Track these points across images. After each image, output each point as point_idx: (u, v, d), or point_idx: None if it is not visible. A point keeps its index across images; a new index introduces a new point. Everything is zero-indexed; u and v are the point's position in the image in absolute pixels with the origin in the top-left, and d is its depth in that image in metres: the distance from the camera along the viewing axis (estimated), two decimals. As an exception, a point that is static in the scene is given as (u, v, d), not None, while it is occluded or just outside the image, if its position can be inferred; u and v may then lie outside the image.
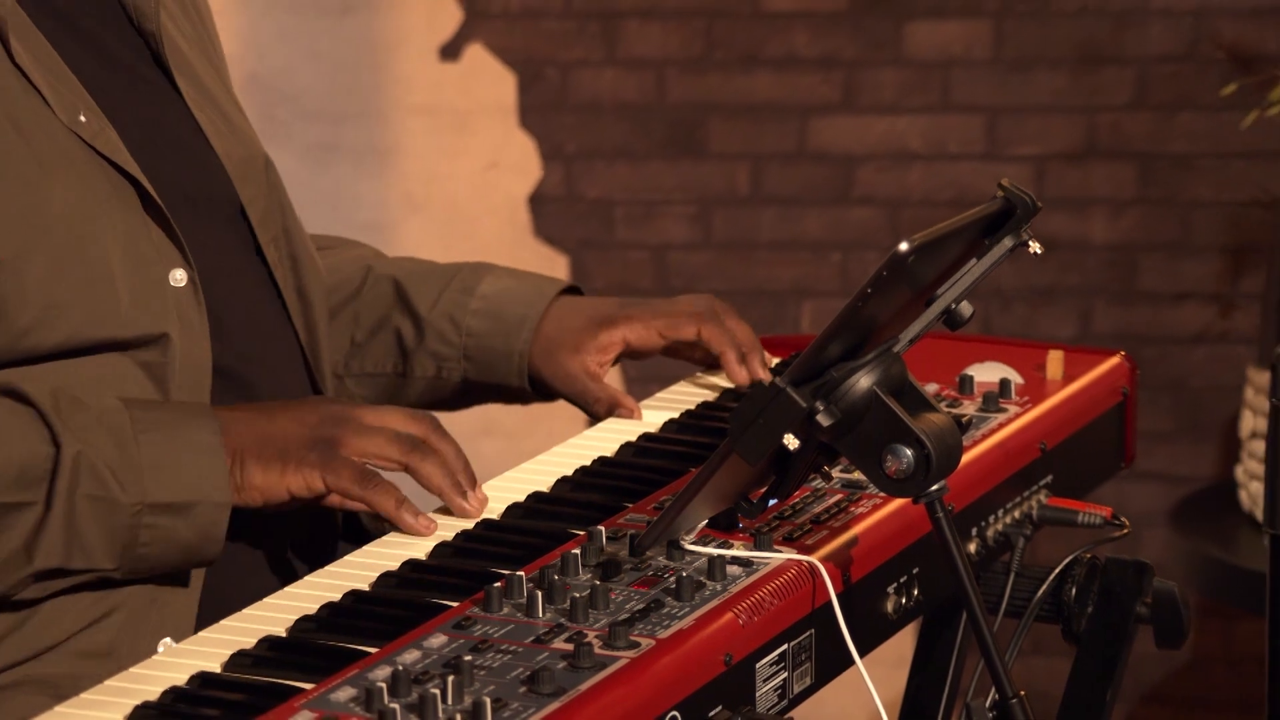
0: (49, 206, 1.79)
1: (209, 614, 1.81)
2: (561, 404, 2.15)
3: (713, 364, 2.16)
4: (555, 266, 3.96)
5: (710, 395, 2.17)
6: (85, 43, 1.89)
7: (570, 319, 2.11)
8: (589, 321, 2.10)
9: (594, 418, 2.10)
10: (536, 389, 2.14)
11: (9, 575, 1.72)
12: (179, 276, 1.85)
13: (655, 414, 2.10)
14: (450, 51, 3.96)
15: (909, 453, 1.63)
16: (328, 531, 2.00)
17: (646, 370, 3.55)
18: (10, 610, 1.77)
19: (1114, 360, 2.21)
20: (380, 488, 1.78)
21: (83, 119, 1.82)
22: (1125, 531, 2.01)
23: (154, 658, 1.61)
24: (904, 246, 1.58)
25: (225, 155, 1.96)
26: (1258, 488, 3.34)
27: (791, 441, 1.63)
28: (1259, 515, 3.34)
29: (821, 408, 1.63)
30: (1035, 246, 1.73)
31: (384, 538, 1.82)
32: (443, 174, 3.99)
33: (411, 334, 2.14)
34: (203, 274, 1.87)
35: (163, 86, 1.95)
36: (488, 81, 3.95)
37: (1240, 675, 3.92)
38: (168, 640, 1.81)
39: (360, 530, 2.04)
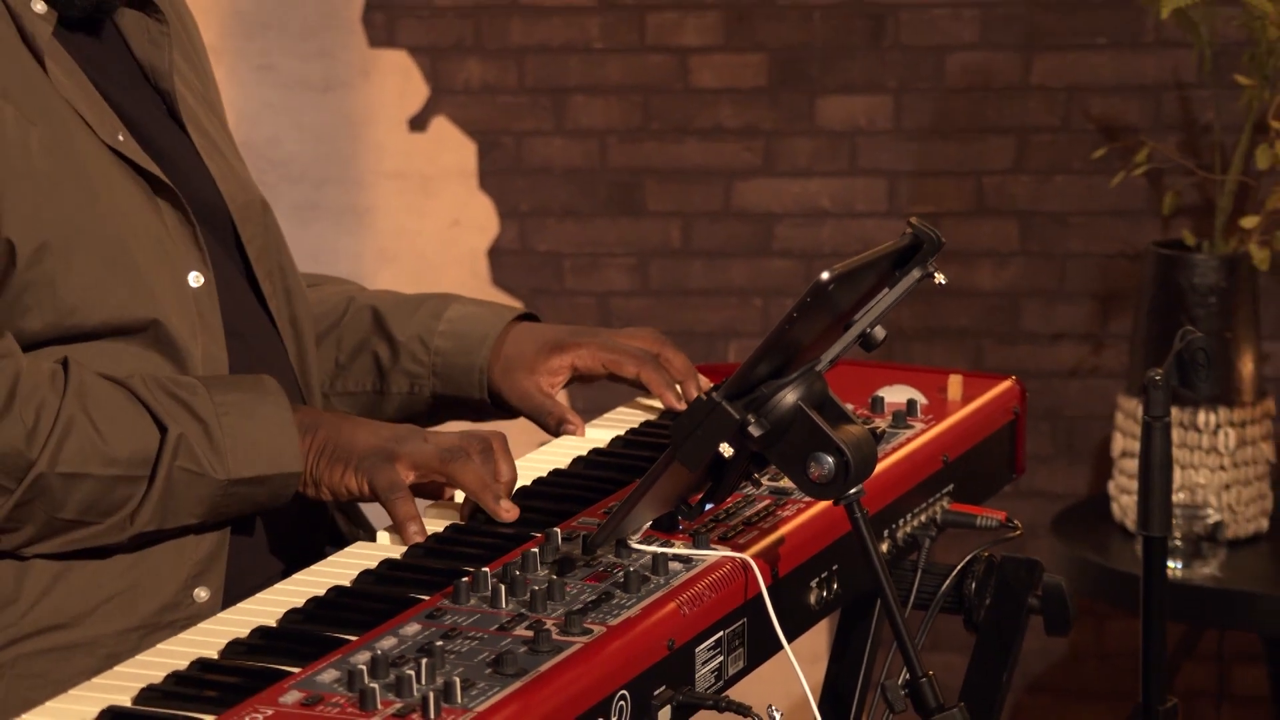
0: (93, 206, 1.80)
1: (231, 578, 1.85)
2: (517, 430, 2.12)
3: None
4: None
5: (651, 416, 2.16)
6: (112, 96, 1.89)
7: (526, 343, 2.10)
8: (542, 346, 2.09)
9: (546, 429, 2.08)
10: (497, 405, 2.12)
11: (112, 535, 1.77)
12: (197, 278, 1.87)
13: (603, 431, 2.08)
14: (418, 123, 3.94)
15: (830, 460, 1.62)
16: (318, 532, 2.00)
17: (592, 402, 3.52)
18: (44, 573, 1.78)
19: (1006, 384, 2.20)
20: (401, 499, 1.79)
21: (121, 138, 1.84)
22: (1018, 533, 2.00)
23: (158, 646, 1.58)
24: (825, 276, 1.57)
25: (230, 199, 1.96)
26: (1128, 500, 3.34)
27: (726, 449, 1.63)
28: (1129, 525, 3.34)
29: (753, 420, 1.63)
30: (940, 277, 1.73)
31: (359, 543, 1.80)
32: (411, 230, 3.97)
33: (388, 355, 2.13)
34: None
35: (178, 135, 1.96)
36: (451, 149, 3.93)
37: (1111, 668, 3.92)
38: (200, 592, 1.83)
39: (339, 534, 2.02)
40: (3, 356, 1.74)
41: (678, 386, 2.09)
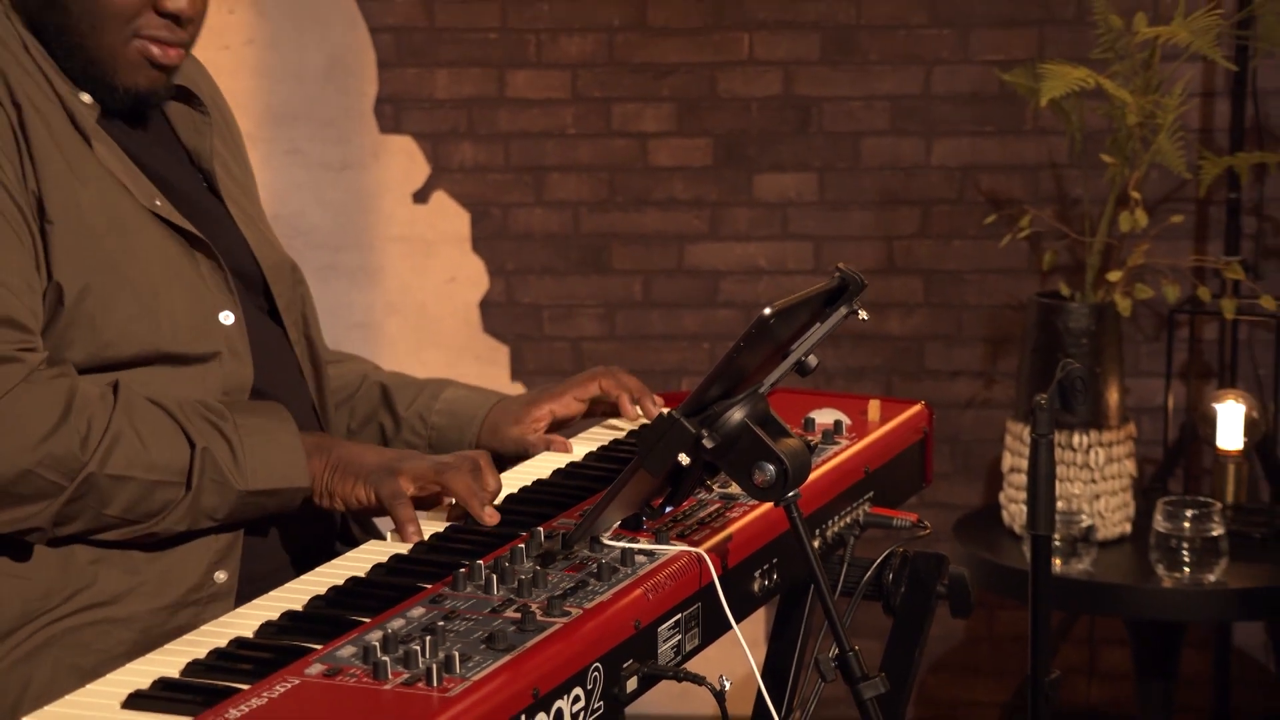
0: (131, 256, 1.78)
1: (245, 562, 1.83)
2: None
3: (617, 415, 2.13)
4: (499, 354, 3.92)
5: (619, 434, 2.13)
6: (156, 175, 1.88)
7: (510, 406, 2.09)
8: (522, 405, 2.08)
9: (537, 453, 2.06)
10: None
11: (139, 533, 1.75)
12: (228, 316, 1.85)
13: (578, 447, 2.06)
14: (421, 196, 3.92)
15: (772, 468, 1.61)
16: (328, 531, 1.97)
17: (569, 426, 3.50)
18: (84, 561, 1.76)
19: (917, 408, 2.19)
20: (402, 505, 1.77)
21: (158, 203, 1.82)
22: (927, 532, 1.99)
23: (203, 627, 1.55)
24: (767, 311, 1.55)
25: (262, 260, 1.94)
26: (1016, 508, 3.32)
27: (684, 459, 1.60)
28: (1017, 529, 3.32)
29: (706, 434, 1.61)
30: (863, 314, 1.72)
31: (371, 542, 1.78)
32: (415, 287, 3.94)
33: (391, 427, 2.12)
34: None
35: (217, 207, 1.94)
36: (448, 218, 3.91)
37: (1000, 651, 3.90)
38: (220, 575, 1.80)
39: (348, 532, 1.99)
40: (62, 375, 1.72)
41: (636, 404, 2.08)
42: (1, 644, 1.72)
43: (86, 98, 1.81)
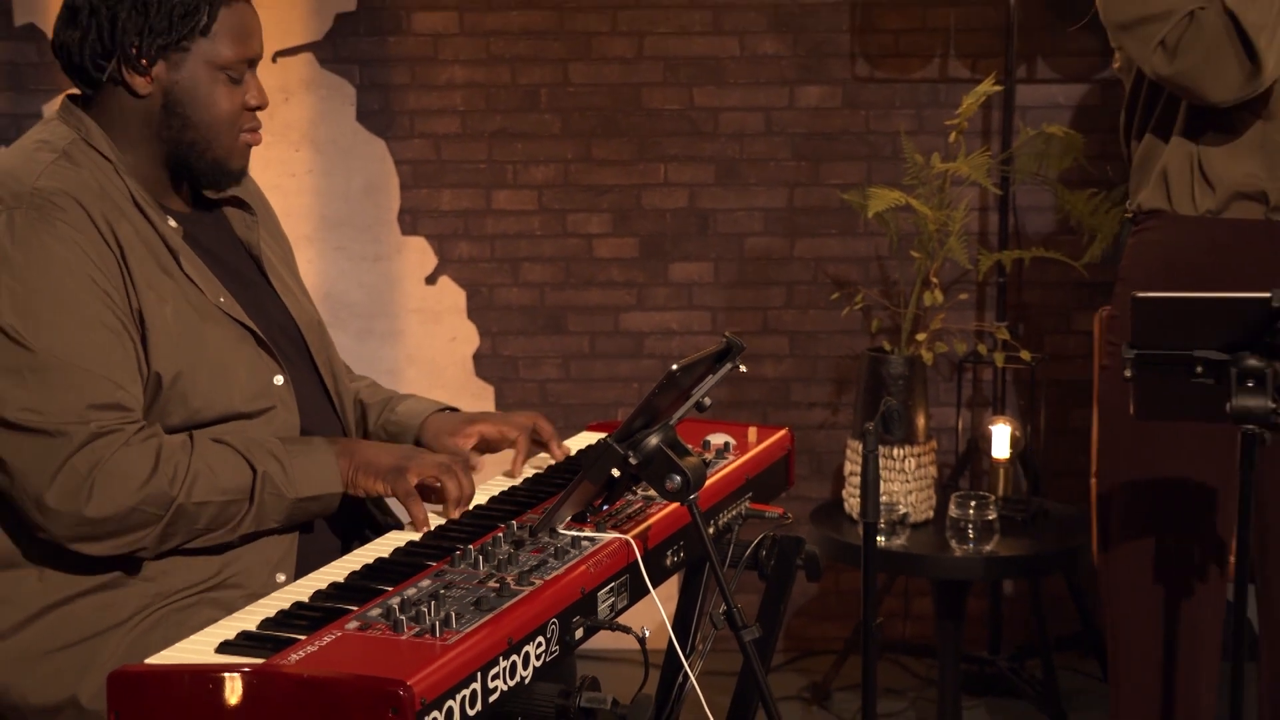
0: (207, 345, 1.77)
1: (299, 565, 1.78)
2: (494, 466, 2.06)
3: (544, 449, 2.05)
4: (486, 392, 3.90)
5: (572, 451, 2.12)
6: (223, 266, 1.87)
7: (449, 421, 2.03)
8: (458, 422, 2.02)
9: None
10: None
11: (229, 536, 1.73)
12: (279, 380, 1.82)
13: (530, 470, 2.04)
14: (431, 280, 3.90)
15: (679, 478, 1.61)
16: (359, 521, 1.93)
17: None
18: (176, 563, 1.73)
19: (782, 433, 2.19)
20: (414, 502, 1.75)
21: (222, 300, 1.80)
22: (790, 521, 1.99)
23: (274, 593, 1.54)
24: (675, 367, 1.56)
25: (299, 320, 1.92)
26: (854, 501, 3.33)
27: (616, 472, 1.60)
28: (854, 516, 3.33)
29: (631, 454, 1.61)
30: (743, 368, 1.72)
31: (392, 531, 1.75)
32: (427, 345, 3.92)
33: (363, 435, 2.07)
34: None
35: (264, 285, 1.92)
36: (451, 296, 3.90)
37: (843, 602, 3.91)
38: (280, 576, 1.77)
39: (376, 522, 1.97)
40: (151, 436, 1.70)
41: (542, 447, 2.02)
42: (125, 625, 1.70)
43: (173, 222, 1.81)
